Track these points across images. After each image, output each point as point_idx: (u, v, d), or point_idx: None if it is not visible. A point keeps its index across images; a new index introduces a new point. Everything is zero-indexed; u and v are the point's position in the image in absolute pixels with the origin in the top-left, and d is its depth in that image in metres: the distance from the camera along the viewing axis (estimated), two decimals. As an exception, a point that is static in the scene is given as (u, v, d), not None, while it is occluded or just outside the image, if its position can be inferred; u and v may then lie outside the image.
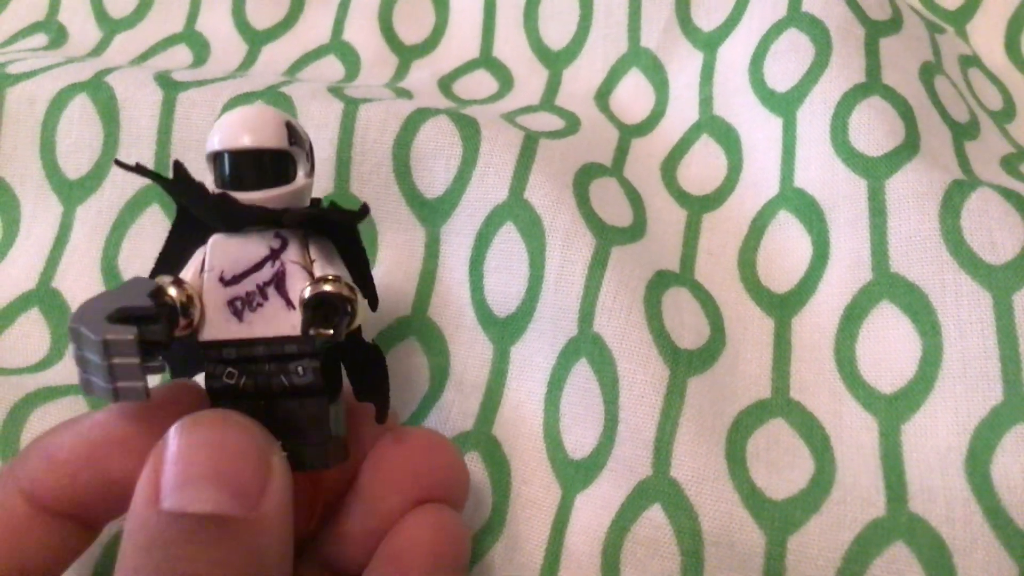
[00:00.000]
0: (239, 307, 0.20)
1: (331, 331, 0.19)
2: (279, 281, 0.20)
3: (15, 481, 0.19)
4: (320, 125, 0.29)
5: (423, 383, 0.27)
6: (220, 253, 0.20)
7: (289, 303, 0.20)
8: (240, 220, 0.20)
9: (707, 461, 0.24)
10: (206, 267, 0.20)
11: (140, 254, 0.30)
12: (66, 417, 0.25)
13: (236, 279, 0.20)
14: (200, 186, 0.20)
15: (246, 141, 0.20)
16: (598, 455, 0.24)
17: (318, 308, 0.19)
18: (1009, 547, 0.22)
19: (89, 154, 0.30)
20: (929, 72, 0.30)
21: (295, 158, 0.20)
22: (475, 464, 0.25)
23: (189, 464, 0.17)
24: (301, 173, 0.20)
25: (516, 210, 0.27)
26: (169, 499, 0.17)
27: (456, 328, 0.28)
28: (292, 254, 0.20)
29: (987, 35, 0.36)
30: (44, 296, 0.29)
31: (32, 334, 0.29)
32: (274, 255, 0.20)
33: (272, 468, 0.18)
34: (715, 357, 0.26)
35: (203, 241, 0.20)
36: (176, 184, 0.20)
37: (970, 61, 0.34)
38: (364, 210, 0.20)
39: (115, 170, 0.30)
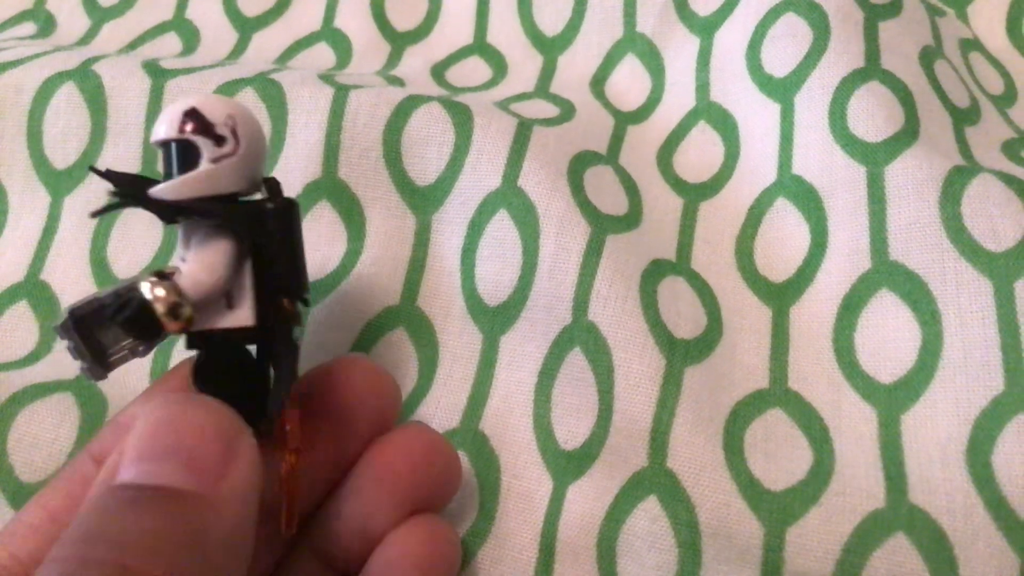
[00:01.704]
0: None
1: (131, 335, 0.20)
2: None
3: (88, 449, 0.20)
4: (310, 110, 0.29)
5: (411, 376, 0.27)
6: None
7: None
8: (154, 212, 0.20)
9: (704, 451, 0.24)
10: None
11: (129, 244, 0.29)
12: (54, 416, 0.25)
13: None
14: (123, 177, 0.21)
15: (155, 133, 0.21)
16: (591, 445, 0.24)
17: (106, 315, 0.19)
18: (1010, 539, 0.21)
19: (76, 143, 0.30)
20: (929, 56, 0.30)
21: (199, 147, 0.20)
22: (462, 463, 0.25)
23: (150, 440, 0.17)
24: (204, 161, 0.20)
25: (510, 197, 0.27)
26: (126, 473, 0.17)
27: (445, 318, 0.27)
28: (178, 249, 0.20)
29: (988, 18, 0.35)
30: (32, 288, 0.29)
31: (20, 327, 0.28)
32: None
33: (237, 452, 0.18)
34: (712, 347, 0.26)
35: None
36: (111, 179, 0.20)
37: (971, 45, 0.34)
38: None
39: (103, 159, 0.30)
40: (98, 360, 0.19)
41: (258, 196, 0.21)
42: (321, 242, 0.28)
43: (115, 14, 0.37)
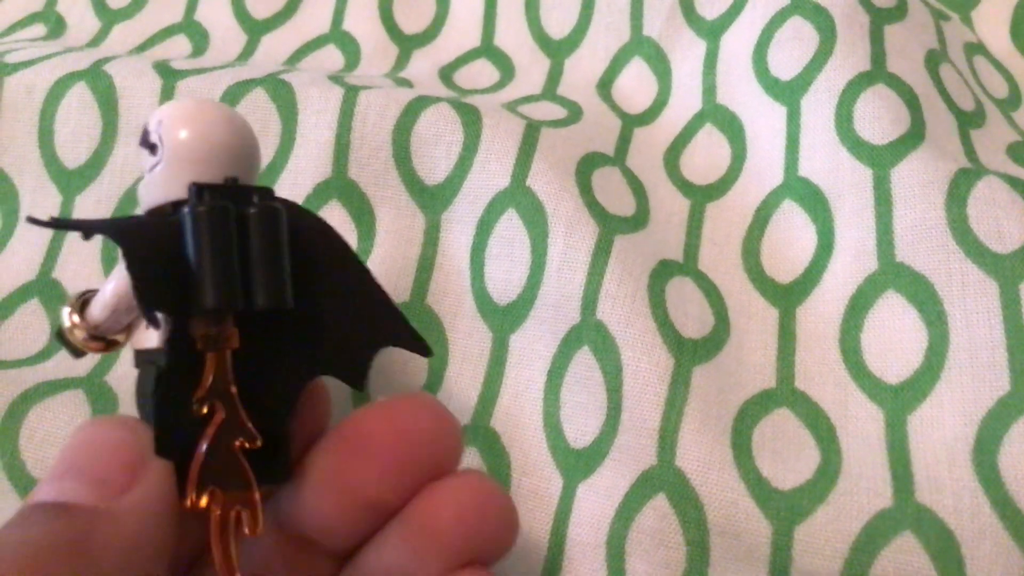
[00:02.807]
0: None
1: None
2: None
3: None
4: (319, 110, 0.29)
5: (422, 374, 0.27)
6: None
7: None
8: None
9: (712, 450, 0.24)
10: None
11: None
12: (65, 412, 0.25)
13: None
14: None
15: None
16: (600, 444, 0.24)
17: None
18: (1017, 538, 0.22)
19: (88, 143, 0.30)
20: (934, 60, 0.30)
21: (144, 159, 0.20)
22: (474, 460, 0.25)
23: (62, 461, 0.18)
24: (145, 173, 0.19)
25: (518, 197, 0.27)
26: (37, 494, 0.17)
27: (454, 316, 0.28)
28: None
29: (992, 22, 0.35)
30: (44, 287, 0.29)
31: (31, 325, 0.29)
32: None
33: (147, 469, 0.17)
34: (719, 346, 0.26)
35: None
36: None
37: (975, 49, 0.34)
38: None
39: (114, 158, 0.30)
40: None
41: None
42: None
43: (125, 16, 0.37)
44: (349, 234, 0.29)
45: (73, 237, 0.30)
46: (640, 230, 0.28)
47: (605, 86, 0.34)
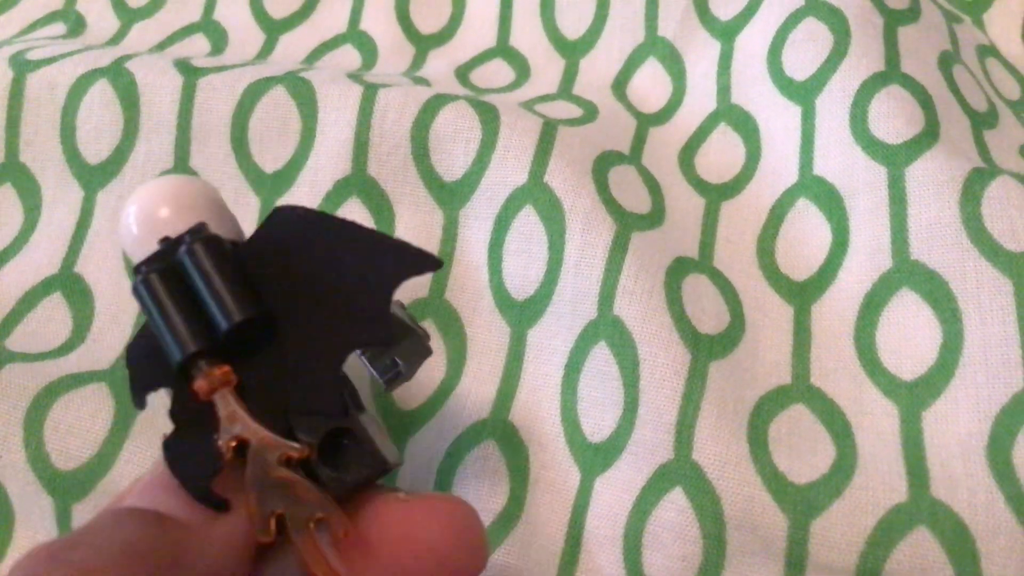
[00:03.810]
0: None
1: None
2: None
3: None
4: (339, 108, 0.29)
5: (441, 368, 0.27)
6: None
7: None
8: None
9: (729, 445, 0.24)
10: None
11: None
12: (89, 405, 0.26)
13: None
14: None
15: None
16: (617, 438, 0.25)
17: None
18: (1031, 533, 0.22)
19: (109, 139, 0.31)
20: (947, 61, 0.30)
21: None
22: (492, 452, 0.25)
23: (154, 474, 0.18)
24: None
25: (536, 193, 0.27)
26: (130, 499, 0.17)
27: (473, 311, 0.28)
28: None
29: (1004, 25, 0.36)
30: (66, 281, 0.29)
31: (54, 318, 0.29)
32: None
33: (238, 503, 0.17)
34: (735, 342, 0.26)
35: None
36: None
37: (987, 51, 0.34)
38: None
39: (135, 155, 0.30)
40: None
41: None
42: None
43: (144, 15, 0.38)
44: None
45: (95, 232, 0.30)
46: (656, 227, 0.28)
47: (620, 86, 0.34)
